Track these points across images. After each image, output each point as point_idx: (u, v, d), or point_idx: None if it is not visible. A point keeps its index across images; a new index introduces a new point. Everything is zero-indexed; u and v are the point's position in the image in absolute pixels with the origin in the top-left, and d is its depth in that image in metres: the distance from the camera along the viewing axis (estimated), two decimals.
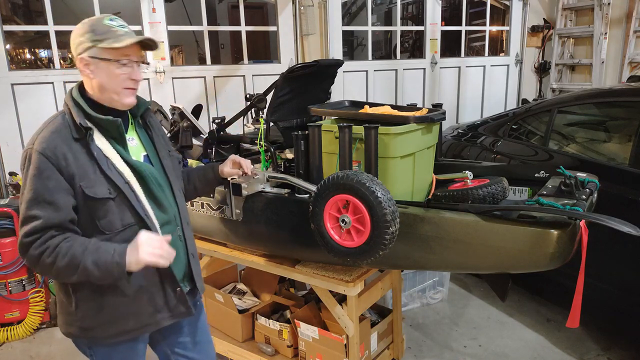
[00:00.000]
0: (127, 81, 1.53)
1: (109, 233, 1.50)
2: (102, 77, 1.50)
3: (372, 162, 1.94)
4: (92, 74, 1.50)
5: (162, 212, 1.62)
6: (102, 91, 1.52)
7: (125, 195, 1.51)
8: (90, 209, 1.48)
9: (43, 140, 1.46)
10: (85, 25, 1.50)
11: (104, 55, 1.48)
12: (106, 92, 1.52)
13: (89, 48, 1.48)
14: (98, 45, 1.47)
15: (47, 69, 4.82)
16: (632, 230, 1.51)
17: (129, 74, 1.52)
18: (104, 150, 1.52)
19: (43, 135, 1.47)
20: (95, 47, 1.48)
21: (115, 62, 1.49)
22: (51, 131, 1.48)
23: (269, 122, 2.42)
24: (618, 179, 2.68)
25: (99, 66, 1.49)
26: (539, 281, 3.32)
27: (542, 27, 6.14)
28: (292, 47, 5.02)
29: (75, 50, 1.50)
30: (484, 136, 3.89)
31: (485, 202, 2.02)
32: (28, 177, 1.45)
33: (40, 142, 1.46)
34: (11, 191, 3.93)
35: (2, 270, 3.33)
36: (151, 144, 1.69)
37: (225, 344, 2.81)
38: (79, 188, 1.46)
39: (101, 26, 1.49)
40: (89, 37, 1.48)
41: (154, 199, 1.60)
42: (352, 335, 2.34)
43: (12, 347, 3.32)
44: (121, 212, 1.52)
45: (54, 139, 1.46)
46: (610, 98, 3.19)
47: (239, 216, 2.30)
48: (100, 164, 1.49)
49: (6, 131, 4.00)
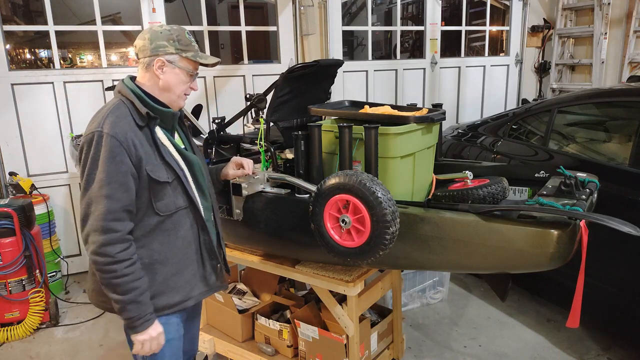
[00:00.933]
0: (188, 89, 1.75)
1: (163, 215, 1.66)
2: (171, 81, 1.68)
3: (372, 162, 1.94)
4: (163, 75, 1.67)
5: (204, 198, 1.80)
6: (165, 91, 1.69)
7: (181, 180, 1.69)
8: (152, 192, 1.63)
9: (113, 125, 1.56)
10: (170, 33, 1.67)
11: (182, 64, 1.69)
12: (168, 93, 1.70)
13: (171, 53, 1.66)
14: (182, 54, 1.67)
15: (47, 69, 4.81)
16: (632, 230, 1.51)
17: (191, 84, 1.75)
18: (161, 139, 1.68)
19: (112, 121, 1.57)
20: (177, 55, 1.67)
21: (188, 72, 1.70)
22: (118, 116, 1.59)
23: (269, 122, 2.42)
24: (618, 179, 2.68)
25: (173, 71, 1.68)
26: (539, 281, 3.32)
27: (542, 27, 6.14)
28: (292, 47, 5.01)
29: (153, 50, 1.65)
30: (484, 136, 3.89)
31: (485, 202, 2.02)
32: (100, 159, 1.54)
33: (111, 126, 1.56)
34: (11, 191, 3.93)
35: (2, 270, 3.33)
36: (187, 139, 1.87)
37: (225, 344, 2.81)
38: (145, 172, 1.60)
39: (185, 39, 1.70)
40: (174, 44, 1.66)
41: (198, 185, 1.78)
42: (352, 335, 2.34)
43: (12, 347, 3.32)
44: (175, 195, 1.69)
45: (123, 125, 1.58)
46: (610, 98, 3.19)
47: (239, 216, 2.30)
48: (162, 151, 1.66)
49: (6, 131, 3.99)
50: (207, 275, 1.82)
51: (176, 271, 1.71)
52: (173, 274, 1.71)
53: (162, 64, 1.66)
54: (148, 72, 1.68)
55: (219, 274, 1.88)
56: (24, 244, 3.39)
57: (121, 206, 1.55)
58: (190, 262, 1.75)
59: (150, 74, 1.68)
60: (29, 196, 3.80)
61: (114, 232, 1.54)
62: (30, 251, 3.43)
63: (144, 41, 1.67)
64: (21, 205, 3.44)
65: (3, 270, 3.33)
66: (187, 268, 1.74)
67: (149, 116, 1.64)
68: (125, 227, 1.57)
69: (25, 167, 4.10)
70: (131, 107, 1.64)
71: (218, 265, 1.86)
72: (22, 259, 3.39)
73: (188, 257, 1.74)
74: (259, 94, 2.54)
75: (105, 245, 1.53)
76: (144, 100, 1.66)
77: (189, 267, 1.75)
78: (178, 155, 1.72)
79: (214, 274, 1.85)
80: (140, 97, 1.66)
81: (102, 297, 1.68)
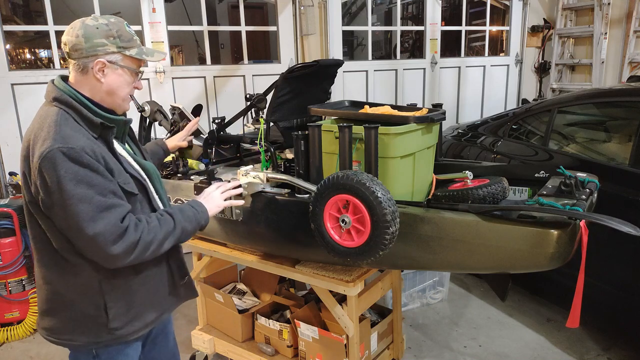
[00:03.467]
0: (132, 89, 1.56)
1: None
2: (114, 83, 1.49)
3: (372, 162, 1.94)
4: (104, 77, 1.47)
5: (164, 206, 1.70)
6: (109, 95, 1.50)
7: (146, 191, 1.58)
8: None
9: (71, 138, 1.36)
10: (108, 28, 1.45)
11: (126, 63, 1.49)
12: (112, 97, 1.51)
13: (112, 53, 1.45)
14: (125, 52, 1.47)
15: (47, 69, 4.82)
16: (632, 230, 1.51)
17: (135, 83, 1.56)
18: (118, 149, 1.53)
19: (67, 134, 1.36)
20: (119, 54, 1.47)
21: (132, 71, 1.51)
22: (72, 128, 1.39)
23: (269, 122, 2.42)
24: (618, 179, 2.68)
25: (115, 72, 1.48)
26: (539, 281, 3.32)
27: (542, 27, 6.14)
28: (292, 47, 5.02)
29: (90, 49, 1.43)
30: (484, 136, 3.89)
31: (485, 202, 2.02)
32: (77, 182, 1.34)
33: (72, 140, 1.35)
34: (11, 191, 3.93)
35: (2, 270, 3.33)
36: (136, 146, 1.73)
37: (225, 344, 2.81)
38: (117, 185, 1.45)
39: (126, 33, 1.48)
40: (114, 42, 1.45)
41: (159, 195, 1.68)
42: (352, 335, 2.34)
43: (12, 347, 3.32)
44: (142, 207, 1.57)
45: (80, 138, 1.38)
46: (610, 98, 3.19)
47: (239, 216, 2.30)
48: (122, 162, 1.51)
49: (6, 131, 4.00)
50: (178, 291, 1.73)
51: (153, 290, 1.63)
52: (150, 293, 1.62)
53: (102, 66, 1.44)
54: (85, 75, 1.46)
55: (186, 285, 1.78)
56: (24, 244, 3.38)
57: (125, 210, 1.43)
58: (162, 280, 1.67)
59: (88, 77, 1.46)
60: None
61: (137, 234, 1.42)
62: (30, 251, 3.42)
63: (76, 39, 1.43)
64: (21, 205, 3.43)
65: (3, 270, 3.33)
66: (161, 286, 1.67)
67: (102, 126, 1.45)
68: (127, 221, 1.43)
69: None
70: (77, 117, 1.43)
71: (187, 277, 1.77)
72: (22, 259, 3.39)
73: (161, 276, 1.66)
74: (259, 94, 2.54)
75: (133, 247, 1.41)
76: (91, 108, 1.45)
77: (162, 285, 1.67)
78: (137, 165, 1.59)
79: (183, 288, 1.76)
80: (85, 104, 1.44)
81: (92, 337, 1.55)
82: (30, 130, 1.44)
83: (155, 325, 1.70)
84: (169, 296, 1.71)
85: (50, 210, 1.39)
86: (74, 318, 1.54)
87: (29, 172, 1.41)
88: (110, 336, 1.55)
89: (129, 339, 1.60)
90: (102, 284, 1.50)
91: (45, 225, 1.46)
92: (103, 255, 1.40)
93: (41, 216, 1.45)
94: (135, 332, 1.60)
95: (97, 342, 1.56)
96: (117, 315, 1.54)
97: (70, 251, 1.46)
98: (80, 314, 1.53)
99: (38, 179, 1.36)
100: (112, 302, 1.52)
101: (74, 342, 1.56)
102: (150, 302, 1.63)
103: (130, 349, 1.65)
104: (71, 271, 1.49)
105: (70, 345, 1.59)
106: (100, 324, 1.53)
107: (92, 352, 1.59)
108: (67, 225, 1.38)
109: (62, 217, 1.37)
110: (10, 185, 3.95)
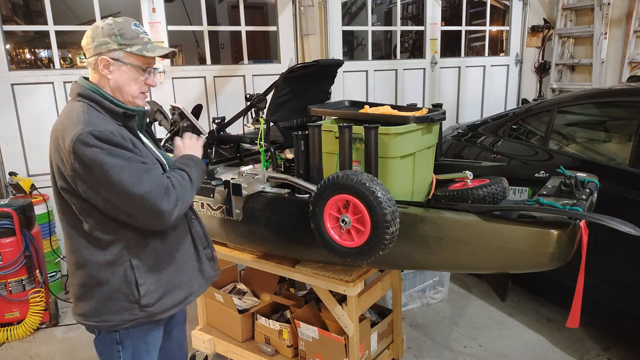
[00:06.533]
0: (144, 86, 1.62)
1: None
2: (120, 80, 1.56)
3: (372, 162, 1.94)
4: (110, 74, 1.55)
5: None
6: (118, 91, 1.58)
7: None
8: None
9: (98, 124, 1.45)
10: (112, 27, 1.53)
11: (130, 60, 1.55)
12: (121, 94, 1.59)
13: (113, 50, 1.53)
14: (126, 50, 1.53)
15: (47, 69, 4.81)
16: (632, 230, 1.51)
17: (147, 80, 1.62)
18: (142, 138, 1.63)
19: (94, 121, 1.46)
20: (121, 51, 1.53)
21: (138, 68, 1.57)
22: (98, 118, 1.49)
23: (269, 122, 2.42)
24: (618, 179, 2.68)
25: (120, 69, 1.55)
26: (539, 281, 3.32)
27: (542, 27, 6.14)
28: (292, 47, 5.02)
29: (95, 48, 1.53)
30: (484, 136, 3.89)
31: (485, 202, 2.02)
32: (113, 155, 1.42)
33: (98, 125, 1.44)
34: (11, 191, 3.93)
35: (2, 270, 3.33)
36: (152, 138, 1.81)
37: (225, 344, 2.81)
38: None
39: (130, 31, 1.55)
40: (116, 39, 1.52)
41: None
42: (352, 335, 2.34)
43: (12, 347, 3.32)
44: None
45: (107, 124, 1.48)
46: (610, 98, 3.19)
47: (239, 216, 2.30)
48: (147, 147, 1.62)
49: (6, 131, 3.99)
50: (203, 267, 1.82)
51: (180, 267, 1.71)
52: (178, 271, 1.70)
53: (106, 63, 1.53)
54: (96, 72, 1.57)
55: (212, 263, 1.88)
56: (24, 244, 3.39)
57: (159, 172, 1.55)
58: (189, 256, 1.75)
59: (97, 74, 1.57)
60: (29, 196, 3.81)
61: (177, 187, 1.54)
62: (30, 251, 3.43)
63: (87, 39, 1.55)
64: (21, 205, 3.44)
65: (3, 270, 3.33)
66: (187, 263, 1.74)
67: (125, 115, 1.55)
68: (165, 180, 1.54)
69: (25, 167, 4.11)
70: (100, 109, 1.53)
71: (213, 253, 1.87)
72: (22, 259, 3.39)
73: (187, 251, 1.74)
74: (259, 94, 2.54)
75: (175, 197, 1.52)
76: (112, 101, 1.55)
77: (189, 262, 1.75)
78: (158, 153, 1.70)
79: (209, 264, 1.85)
80: (106, 97, 1.55)
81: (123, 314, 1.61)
82: (57, 124, 1.53)
83: (184, 305, 1.74)
84: (196, 272, 1.77)
85: (94, 190, 1.45)
86: (108, 297, 1.59)
87: (61, 160, 1.47)
88: (142, 313, 1.61)
89: (161, 318, 1.67)
90: (132, 260, 1.58)
91: (79, 208, 1.53)
92: (156, 212, 1.48)
93: (74, 200, 1.52)
94: (166, 311, 1.66)
95: (130, 320, 1.61)
96: (149, 292, 1.60)
97: (101, 228, 1.54)
98: (114, 291, 1.59)
99: (75, 161, 1.42)
100: (143, 279, 1.59)
101: (109, 322, 1.61)
102: (179, 280, 1.70)
103: (152, 337, 1.72)
104: (102, 250, 1.56)
105: (105, 326, 1.63)
106: (133, 302, 1.59)
107: (116, 339, 1.65)
108: (115, 195, 1.44)
109: (107, 190, 1.44)
110: (10, 185, 3.94)
